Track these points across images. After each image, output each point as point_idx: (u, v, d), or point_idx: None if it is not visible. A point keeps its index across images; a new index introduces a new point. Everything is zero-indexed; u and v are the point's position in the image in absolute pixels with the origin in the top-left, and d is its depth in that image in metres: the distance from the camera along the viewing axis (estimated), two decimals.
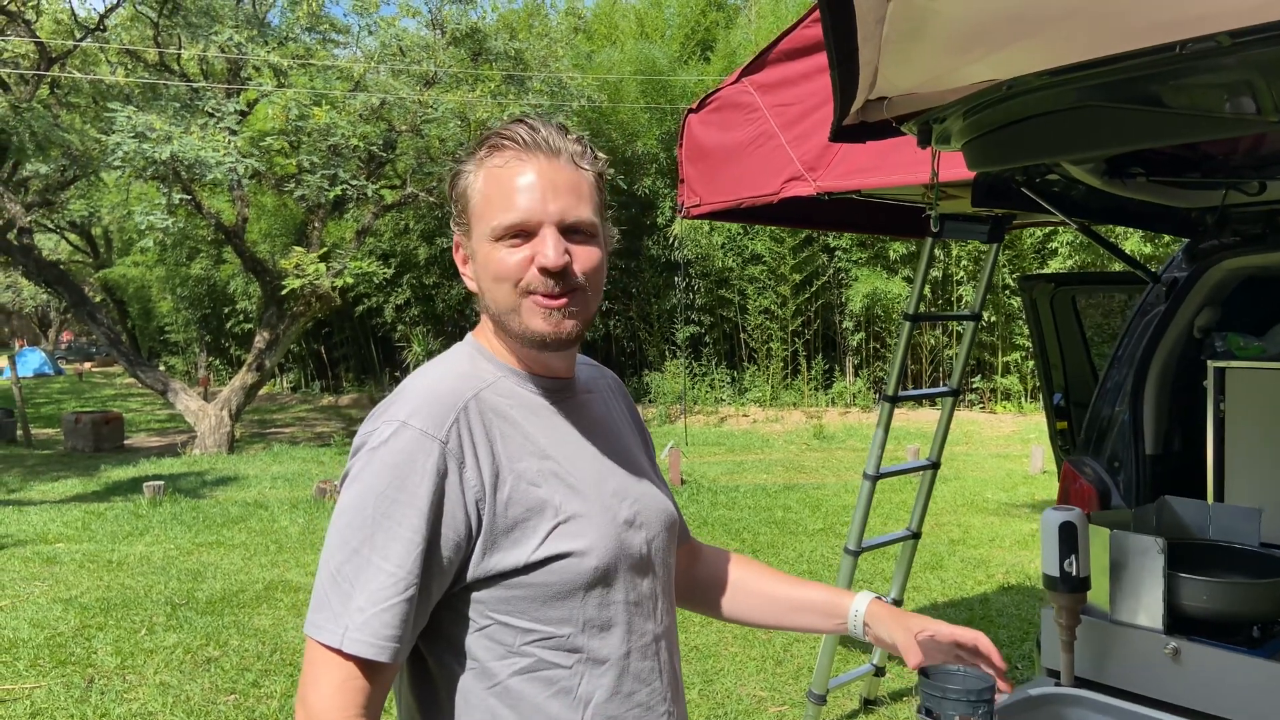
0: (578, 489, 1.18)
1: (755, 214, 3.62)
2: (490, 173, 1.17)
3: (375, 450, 1.10)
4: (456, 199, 1.21)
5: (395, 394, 1.17)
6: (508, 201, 1.15)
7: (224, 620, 5.53)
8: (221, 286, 21.93)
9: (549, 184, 1.15)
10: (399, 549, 1.07)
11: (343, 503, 1.11)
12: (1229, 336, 2.31)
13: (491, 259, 1.16)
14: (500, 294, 1.17)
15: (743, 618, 1.45)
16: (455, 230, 1.23)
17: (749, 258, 16.34)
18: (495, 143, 1.18)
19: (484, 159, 1.18)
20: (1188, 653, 1.66)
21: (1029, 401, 15.48)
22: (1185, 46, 1.36)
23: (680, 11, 18.19)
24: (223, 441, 13.28)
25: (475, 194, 1.18)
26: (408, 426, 1.10)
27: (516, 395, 1.20)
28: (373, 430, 1.13)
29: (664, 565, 1.27)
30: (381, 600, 1.06)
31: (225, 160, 11.26)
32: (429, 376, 1.19)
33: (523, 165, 1.16)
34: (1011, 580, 6.30)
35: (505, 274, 1.16)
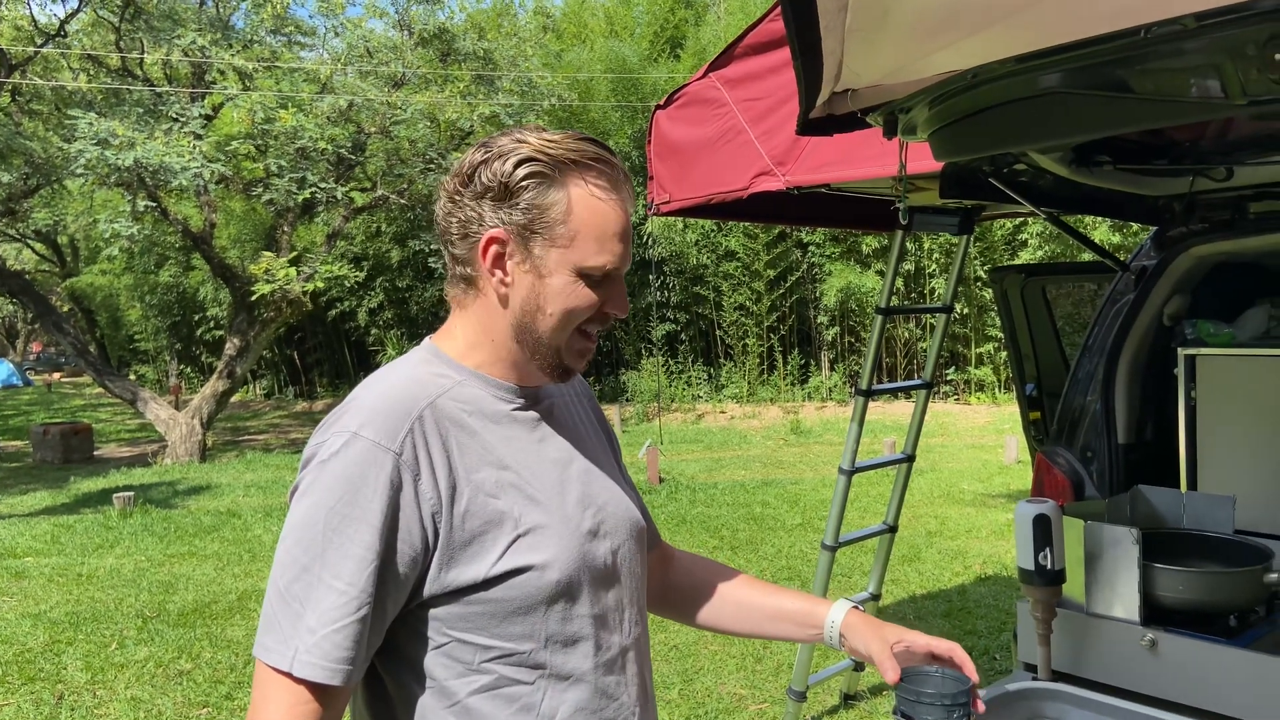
0: (538, 500, 1.14)
1: (725, 210, 3.59)
2: (590, 200, 1.12)
3: (325, 463, 1.06)
4: (534, 204, 1.11)
5: (346, 403, 1.13)
6: (607, 244, 1.12)
7: (196, 632, 5.44)
8: (191, 293, 21.69)
9: (630, 230, 1.15)
10: (351, 566, 1.03)
11: (292, 518, 1.07)
12: (1199, 324, 2.30)
13: (570, 292, 1.12)
14: (558, 324, 1.14)
15: (717, 625, 1.42)
16: (504, 225, 1.12)
17: (723, 254, 16.34)
18: (581, 158, 1.11)
19: (573, 171, 1.11)
20: (1165, 644, 1.64)
21: (1003, 392, 15.59)
22: (1150, 30, 1.35)
23: (649, 9, 18.16)
24: (194, 450, 13.11)
25: (565, 214, 1.11)
26: (359, 437, 1.06)
27: (477, 401, 1.16)
28: (322, 442, 1.08)
29: (631, 574, 1.23)
30: (333, 621, 1.02)
31: (191, 165, 11.10)
32: (381, 384, 1.14)
33: (618, 205, 1.14)
34: (989, 571, 6.32)
35: (582, 312, 1.14)
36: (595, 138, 1.14)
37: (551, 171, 1.10)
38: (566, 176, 1.11)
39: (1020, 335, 4.11)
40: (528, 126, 1.16)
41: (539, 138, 1.12)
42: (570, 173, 1.11)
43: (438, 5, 14.00)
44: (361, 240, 18.34)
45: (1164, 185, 2.23)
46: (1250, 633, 1.66)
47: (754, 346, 16.45)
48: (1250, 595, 1.70)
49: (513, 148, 1.11)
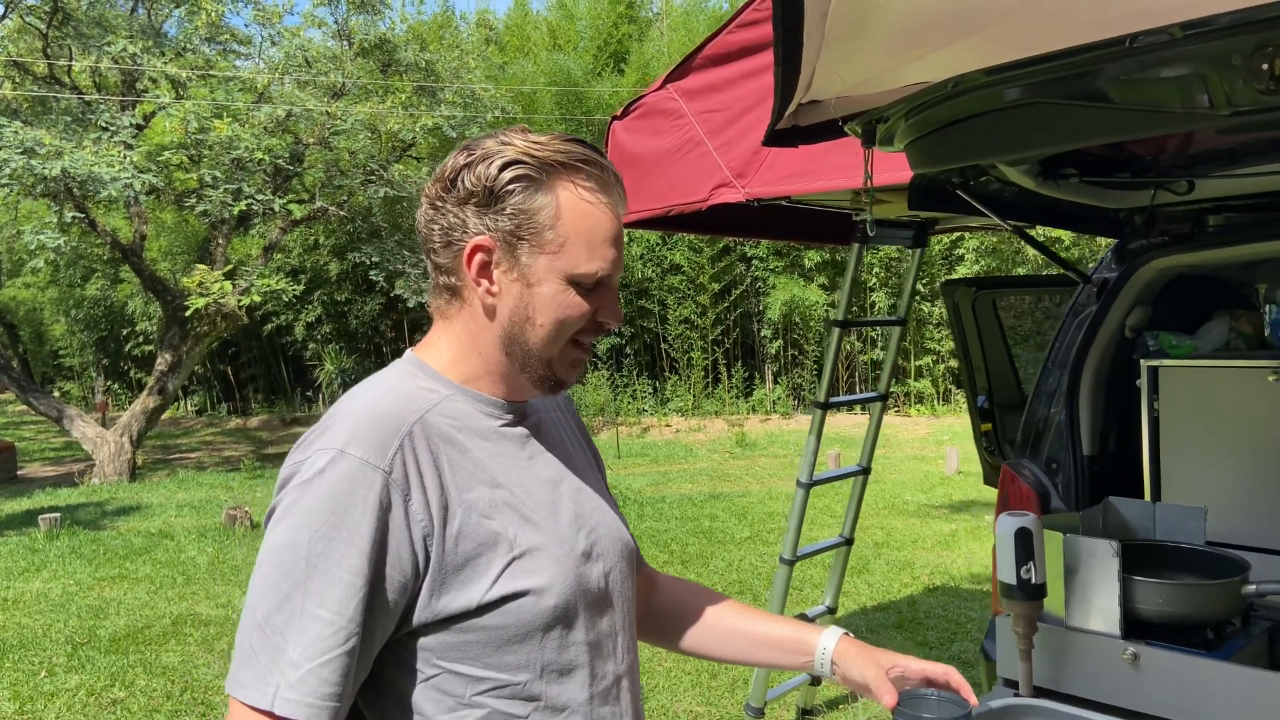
0: (533, 520, 1.08)
1: (684, 222, 3.56)
2: (580, 203, 1.06)
3: (308, 482, 0.98)
4: (520, 209, 1.05)
5: (327, 419, 1.05)
6: (598, 249, 1.07)
7: (129, 659, 5.23)
8: (119, 307, 21.03)
9: (621, 236, 1.10)
10: (338, 594, 0.95)
11: (270, 543, 0.99)
12: (1161, 335, 2.33)
13: (561, 300, 1.07)
14: (549, 334, 1.08)
15: (703, 652, 1.36)
16: (489, 231, 1.06)
17: (668, 268, 16.37)
18: (569, 159, 1.06)
19: (566, 176, 1.06)
20: (1147, 657, 1.63)
21: (941, 404, 15.85)
22: (1136, 40, 1.34)
23: (592, 24, 18.17)
24: (123, 469, 12.67)
25: (553, 219, 1.06)
26: (345, 455, 0.99)
27: (464, 417, 1.10)
28: (304, 460, 1.01)
29: (623, 598, 1.17)
30: (319, 654, 0.94)
31: (121, 176, 10.77)
32: (366, 398, 1.07)
33: (609, 208, 1.08)
34: (936, 581, 6.37)
35: (574, 322, 1.08)
36: (583, 139, 1.09)
37: (538, 174, 1.05)
38: (554, 179, 1.05)
39: (971, 347, 4.15)
40: (513, 128, 1.10)
41: (525, 139, 1.07)
42: (558, 175, 1.05)
43: (378, 16, 13.82)
44: (299, 253, 17.97)
45: (1126, 198, 2.26)
46: (1230, 645, 1.66)
47: (699, 360, 16.48)
48: (1229, 607, 1.71)
49: (497, 150, 1.05)
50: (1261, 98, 1.29)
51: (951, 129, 1.64)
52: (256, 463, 13.96)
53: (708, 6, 18.21)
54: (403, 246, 14.21)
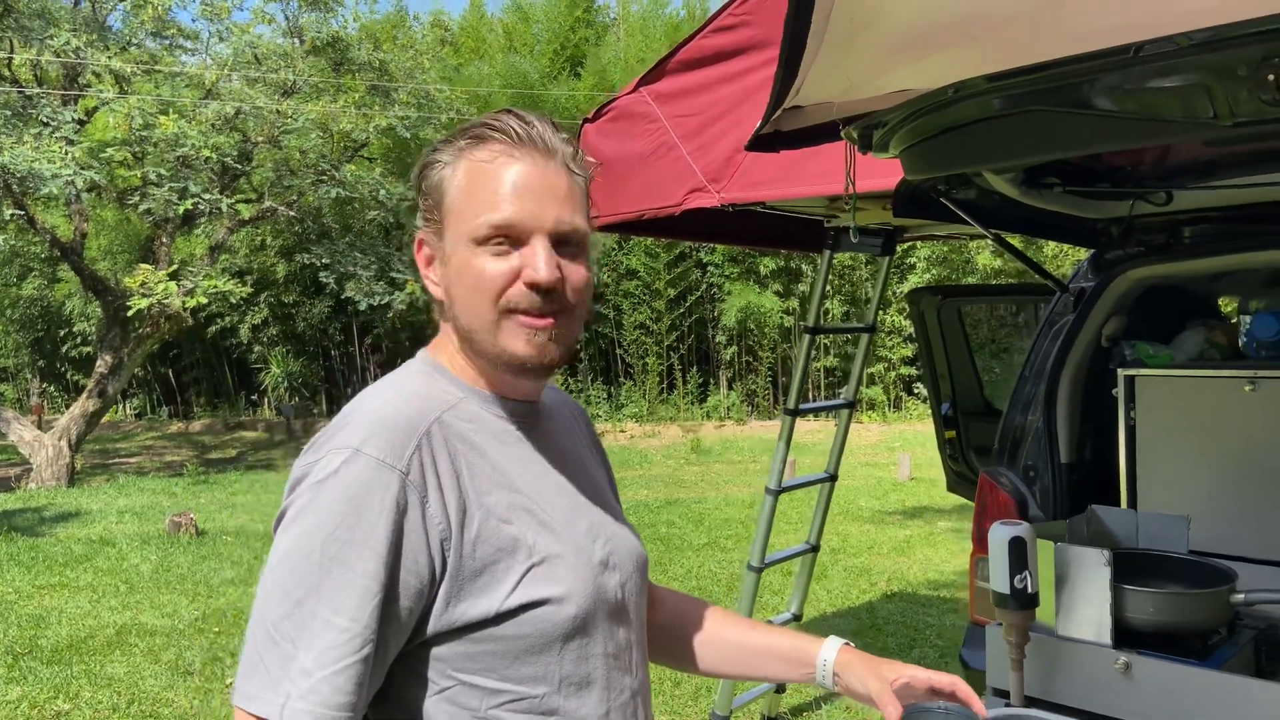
0: (551, 526, 1.03)
1: (656, 226, 3.53)
2: (473, 166, 1.01)
3: (322, 483, 0.93)
4: (427, 192, 1.04)
5: (341, 419, 1.00)
6: (494, 200, 1.00)
7: (73, 670, 5.05)
8: (56, 307, 20.41)
9: (543, 186, 1.01)
10: (353, 599, 0.90)
11: (281, 547, 0.94)
12: (1137, 345, 2.35)
13: (470, 266, 1.00)
14: (477, 307, 1.01)
15: (706, 668, 1.33)
16: (422, 227, 1.06)
17: (624, 273, 16.35)
18: (480, 133, 1.02)
19: (465, 150, 1.02)
20: (1139, 667, 1.63)
21: (893, 411, 16.04)
22: (1141, 49, 1.34)
23: (549, 27, 18.11)
24: (62, 474, 12.28)
25: (453, 188, 1.02)
26: (361, 454, 0.94)
27: (481, 419, 1.05)
28: (316, 460, 0.96)
29: (637, 610, 1.14)
30: (332, 661, 0.89)
31: (62, 172, 10.45)
32: (382, 397, 1.03)
33: (513, 161, 1.01)
34: (894, 587, 6.41)
35: (486, 285, 1.00)
36: (519, 110, 1.05)
37: (449, 159, 1.04)
38: (456, 156, 1.03)
39: (936, 355, 4.18)
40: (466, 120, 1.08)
41: (450, 135, 1.07)
42: (460, 150, 1.03)
43: (330, 13, 13.61)
44: (246, 253, 17.61)
45: (1104, 208, 2.27)
46: (1219, 654, 1.67)
47: (654, 365, 16.48)
48: (1217, 616, 1.72)
49: (424, 153, 1.07)
50: (1266, 109, 1.29)
51: (949, 135, 1.62)
52: (200, 467, 13.64)
53: (664, 13, 18.28)
54: (354, 248, 13.99)
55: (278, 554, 0.94)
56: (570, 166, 1.04)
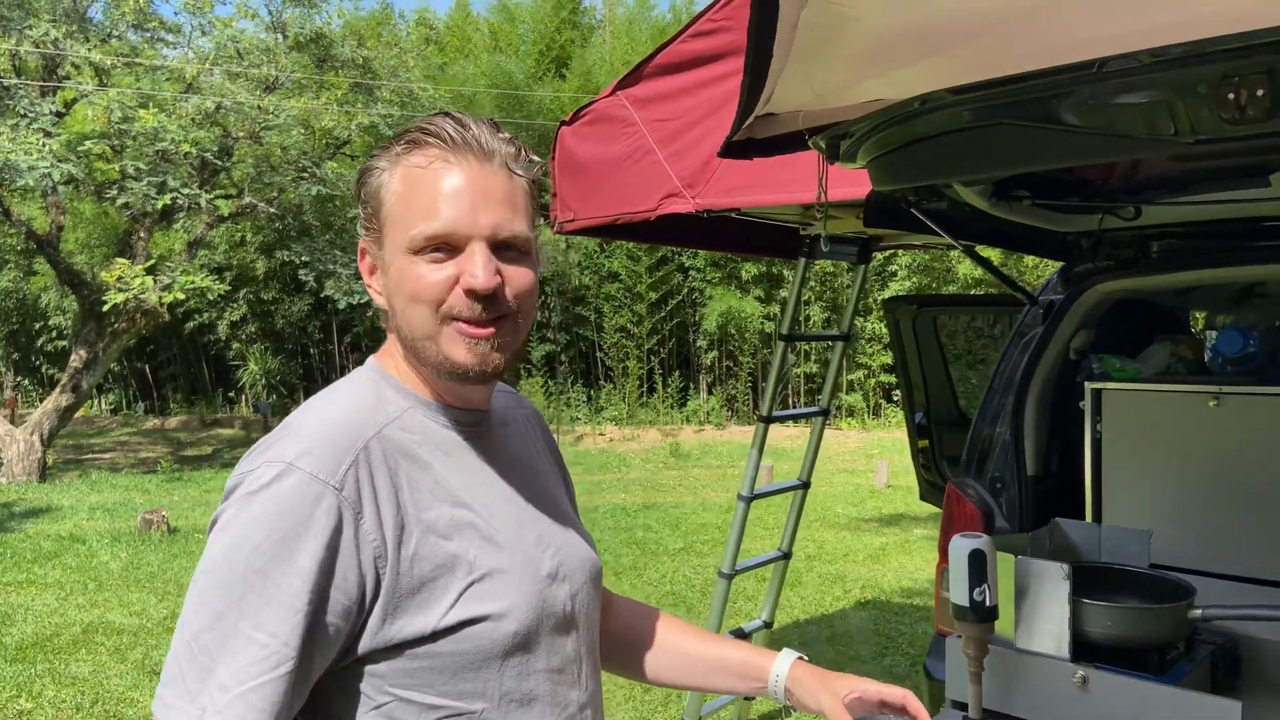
0: (495, 540, 1.02)
1: (631, 231, 3.52)
2: (409, 172, 1.00)
3: (253, 495, 0.92)
4: (366, 200, 1.03)
5: (282, 429, 0.98)
6: (430, 208, 0.98)
7: (37, 668, 4.99)
8: (32, 300, 20.19)
9: (480, 191, 0.99)
10: (275, 615, 0.89)
11: (209, 557, 0.92)
12: (1105, 358, 2.36)
13: (408, 275, 0.99)
14: (417, 317, 1.00)
15: (658, 678, 1.32)
16: (363, 235, 1.05)
17: (606, 276, 16.33)
18: (416, 138, 1.00)
19: (401, 156, 1.01)
20: (1096, 681, 1.64)
21: (872, 418, 16.09)
22: (1105, 65, 1.34)
23: (535, 28, 18.08)
24: (33, 469, 12.13)
25: (390, 196, 1.00)
26: (294, 469, 0.92)
27: (426, 430, 1.04)
28: (250, 470, 0.94)
29: (588, 622, 1.12)
30: (250, 678, 0.88)
31: (39, 164, 10.33)
32: (324, 409, 1.01)
33: (449, 167, 0.99)
34: (867, 595, 6.42)
35: (424, 294, 0.98)
36: (456, 111, 1.04)
37: (386, 165, 1.02)
38: (392, 162, 1.02)
39: (910, 364, 4.19)
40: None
41: (390, 140, 1.05)
42: (396, 156, 1.02)
43: (314, 10, 13.53)
44: (225, 249, 17.48)
45: (1074, 222, 2.28)
46: (1177, 669, 1.68)
47: (634, 369, 16.47)
48: (1175, 631, 1.72)
49: (366, 160, 1.05)
50: (1226, 127, 1.30)
51: (916, 147, 1.62)
52: (174, 464, 13.52)
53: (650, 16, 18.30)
54: (334, 246, 13.91)
55: (204, 564, 0.92)
56: (511, 168, 1.02)
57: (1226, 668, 1.78)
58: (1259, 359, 2.22)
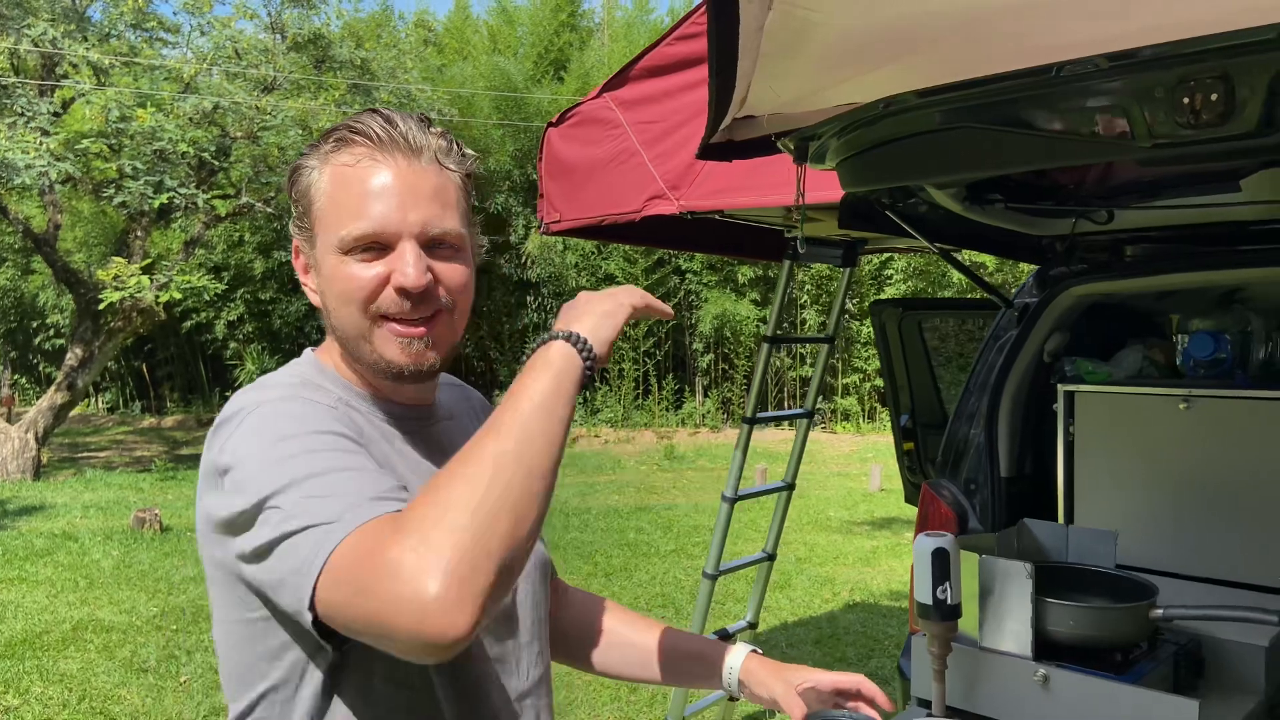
0: None
1: (617, 232, 3.54)
2: (338, 171, 1.00)
3: (252, 412, 0.93)
4: (297, 199, 1.04)
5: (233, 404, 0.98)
6: (358, 207, 0.99)
7: (25, 665, 5.00)
8: (29, 298, 20.20)
9: (408, 188, 0.99)
10: (343, 459, 0.90)
11: (236, 480, 0.89)
12: (1078, 361, 2.38)
13: (338, 274, 1.00)
14: (348, 316, 1.01)
15: (612, 672, 1.33)
16: (295, 234, 1.06)
17: (602, 278, 16.34)
18: (343, 136, 1.01)
19: (330, 154, 1.01)
20: (1056, 679, 1.65)
21: (867, 422, 16.09)
22: (1063, 69, 1.36)
23: (533, 30, 18.10)
24: (27, 467, 12.14)
25: (319, 195, 1.01)
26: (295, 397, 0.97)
27: (360, 426, 1.04)
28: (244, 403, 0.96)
29: (533, 612, 1.14)
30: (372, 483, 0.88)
31: (36, 163, 10.35)
32: (269, 385, 1.02)
33: (377, 165, 0.99)
34: (857, 597, 6.44)
35: (355, 293, 0.99)
36: (380, 108, 1.05)
37: (316, 163, 1.03)
38: (321, 161, 1.02)
39: (896, 367, 4.20)
40: None
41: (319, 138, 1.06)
42: (325, 155, 1.02)
43: (313, 10, 13.55)
44: (223, 249, 17.49)
45: (1048, 225, 2.30)
46: (1137, 668, 1.69)
47: (629, 371, 16.47)
48: (1137, 630, 1.74)
49: (297, 159, 1.05)
50: (1182, 131, 1.31)
51: (882, 150, 1.64)
52: (169, 463, 13.52)
53: (649, 19, 18.32)
54: None
55: (236, 487, 0.89)
56: (441, 162, 1.02)
57: (1189, 668, 1.80)
58: (1229, 363, 2.24)
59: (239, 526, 0.88)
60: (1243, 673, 1.80)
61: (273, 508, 0.85)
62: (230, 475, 0.89)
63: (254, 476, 0.87)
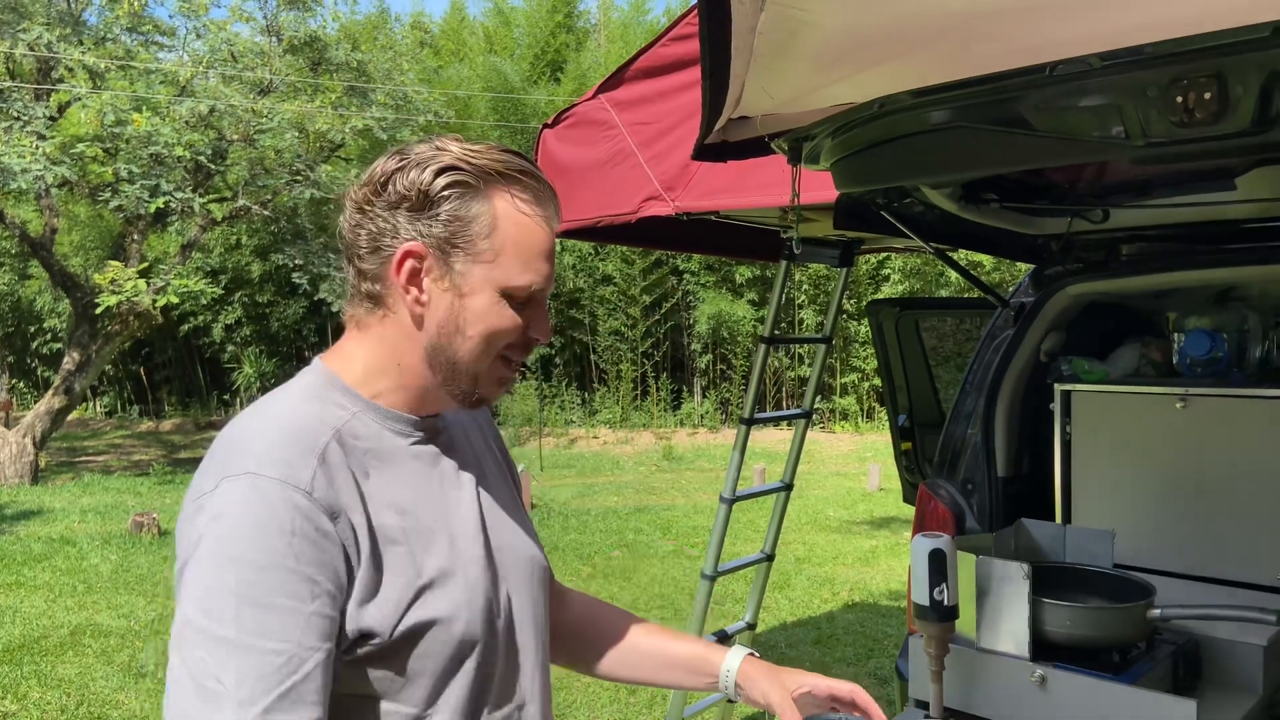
0: (438, 546, 1.03)
1: (612, 233, 3.53)
2: (517, 215, 1.02)
3: (219, 517, 0.91)
4: (455, 215, 1.00)
5: (226, 444, 0.97)
6: (534, 263, 1.03)
7: (23, 670, 4.99)
8: (27, 303, 20.18)
9: (554, 250, 1.06)
10: (281, 622, 0.89)
11: (189, 594, 0.90)
12: (1074, 360, 2.38)
13: (493, 312, 1.02)
14: (480, 350, 1.04)
15: (609, 674, 1.33)
16: (419, 237, 1.01)
17: (600, 279, 16.34)
18: (508, 170, 1.02)
19: (503, 186, 1.02)
20: (1054, 680, 1.65)
21: (865, 421, 16.09)
22: (1056, 68, 1.36)
23: (530, 31, 18.11)
24: (25, 471, 12.12)
25: (490, 227, 1.01)
26: (260, 478, 0.92)
27: (373, 437, 1.04)
28: (208, 492, 0.93)
29: (534, 622, 1.13)
30: (275, 685, 0.88)
31: (32, 167, 10.34)
32: (272, 416, 1.01)
33: (544, 221, 1.04)
34: (856, 597, 6.43)
35: (503, 336, 1.04)
36: (519, 151, 1.05)
37: (475, 182, 1.00)
38: (491, 188, 1.01)
39: (894, 367, 4.20)
40: (447, 135, 1.05)
41: (461, 147, 1.03)
42: (495, 184, 1.01)
43: (309, 13, 13.54)
44: (220, 252, 17.47)
45: (1044, 225, 2.30)
46: (1135, 669, 1.69)
47: (628, 372, 16.47)
48: (1135, 631, 1.73)
49: (432, 155, 1.01)
50: (1175, 130, 1.31)
51: (876, 150, 1.64)
52: (167, 467, 13.51)
53: (645, 20, 18.32)
54: (328, 249, 13.88)
55: (188, 602, 0.90)
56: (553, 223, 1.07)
57: (1187, 667, 1.79)
58: (1225, 361, 2.24)
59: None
60: (1241, 673, 1.80)
61: (181, 640, 0.89)
62: (183, 571, 0.91)
63: (189, 593, 0.90)
